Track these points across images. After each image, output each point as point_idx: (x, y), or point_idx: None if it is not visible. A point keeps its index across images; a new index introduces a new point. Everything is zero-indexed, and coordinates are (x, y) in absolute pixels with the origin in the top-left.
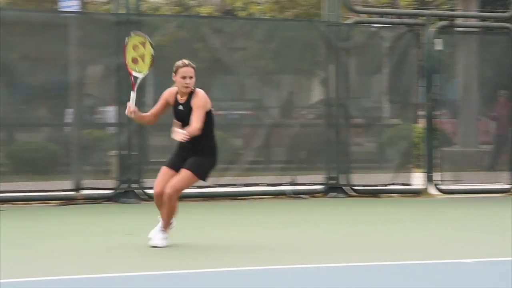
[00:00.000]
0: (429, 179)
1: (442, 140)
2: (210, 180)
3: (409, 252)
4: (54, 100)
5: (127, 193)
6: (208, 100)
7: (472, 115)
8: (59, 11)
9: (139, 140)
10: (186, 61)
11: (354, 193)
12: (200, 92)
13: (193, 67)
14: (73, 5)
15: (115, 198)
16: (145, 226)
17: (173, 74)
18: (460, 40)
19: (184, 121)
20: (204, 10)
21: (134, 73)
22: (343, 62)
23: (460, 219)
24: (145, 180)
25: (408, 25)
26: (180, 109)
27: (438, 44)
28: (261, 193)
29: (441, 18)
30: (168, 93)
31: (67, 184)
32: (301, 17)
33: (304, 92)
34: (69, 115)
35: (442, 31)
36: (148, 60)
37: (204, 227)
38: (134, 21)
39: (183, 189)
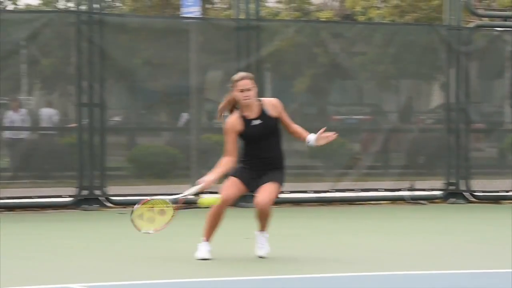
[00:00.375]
0: None
1: None
2: (328, 185)
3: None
4: (174, 105)
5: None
6: None
7: None
8: (181, 17)
9: None
10: (242, 74)
11: (474, 199)
12: (273, 99)
13: (250, 78)
14: (195, 11)
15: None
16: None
17: (233, 89)
18: None
19: (263, 135)
20: (324, 15)
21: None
22: (464, 66)
23: None
24: None
25: None
26: (255, 124)
27: None
28: (379, 198)
29: None
30: (233, 123)
31: (185, 188)
32: (421, 21)
33: (424, 96)
34: (184, 119)
35: None
36: (159, 223)
37: (320, 232)
38: (254, 27)
39: (274, 200)
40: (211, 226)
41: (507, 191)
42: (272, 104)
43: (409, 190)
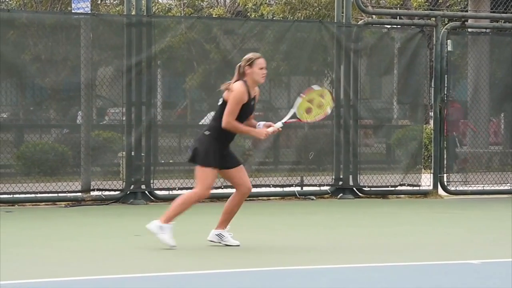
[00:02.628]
0: (438, 180)
1: (451, 141)
2: (219, 182)
3: (416, 253)
4: (64, 102)
5: (135, 194)
6: None
7: (482, 116)
8: (71, 12)
9: (148, 141)
10: (257, 53)
11: (362, 195)
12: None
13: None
14: (85, 7)
15: (124, 199)
16: None
17: (246, 67)
18: (471, 41)
19: (247, 116)
20: (216, 12)
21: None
22: (353, 63)
23: (468, 220)
24: (154, 181)
25: (419, 26)
26: (252, 104)
27: (449, 45)
28: (270, 194)
29: (452, 19)
30: (244, 93)
31: (76, 185)
32: (312, 19)
33: None
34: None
35: (453, 32)
36: (323, 109)
37: (210, 228)
38: (145, 23)
39: None
40: (180, 213)
41: (394, 186)
42: (255, 90)
43: (298, 185)
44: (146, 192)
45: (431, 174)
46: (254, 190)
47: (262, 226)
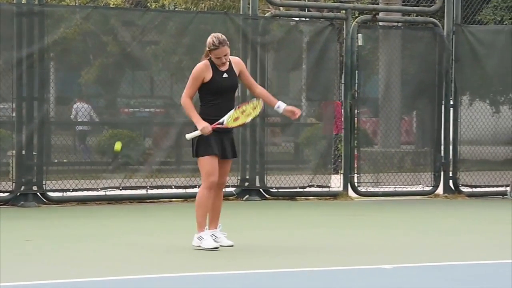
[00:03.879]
0: (348, 181)
1: (362, 140)
2: (117, 182)
3: (328, 257)
4: None
5: (26, 196)
6: None
7: (393, 114)
8: None
9: (40, 139)
10: (218, 39)
11: (269, 196)
12: (235, 57)
13: (225, 45)
14: None
15: (14, 201)
16: (46, 231)
17: (207, 52)
18: (383, 35)
19: (227, 92)
20: (113, 1)
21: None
22: (260, 58)
23: (379, 223)
24: (46, 182)
25: (328, 19)
26: (225, 77)
27: (360, 39)
28: (172, 195)
29: (363, 12)
30: (202, 68)
31: None
32: (216, 10)
33: None
34: None
35: (364, 25)
36: (248, 118)
37: (108, 233)
38: (37, 12)
39: None
40: (203, 215)
41: (303, 187)
42: (235, 61)
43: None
44: (38, 193)
45: (341, 175)
46: (155, 191)
47: (160, 229)
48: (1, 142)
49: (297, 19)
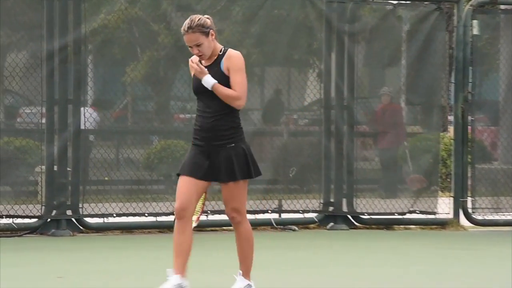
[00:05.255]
0: (460, 206)
1: (477, 154)
2: (170, 206)
3: None
4: None
5: (58, 222)
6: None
7: None
8: None
9: (76, 152)
10: (187, 23)
11: (359, 224)
12: (234, 52)
13: (197, 31)
14: None
15: (43, 229)
16: (81, 266)
17: None
18: (505, 22)
19: (202, 93)
20: None
21: None
22: (348, 51)
23: (502, 260)
24: (83, 205)
25: (435, 1)
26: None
27: (475, 27)
28: None
29: None
30: (190, 60)
31: None
32: None
33: (295, 90)
34: None
35: (480, 9)
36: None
37: (160, 268)
38: None
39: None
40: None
41: (402, 214)
42: (228, 55)
43: (276, 212)
44: (73, 219)
45: (451, 198)
46: (217, 217)
47: (227, 265)
48: (27, 155)
49: (395, 2)
